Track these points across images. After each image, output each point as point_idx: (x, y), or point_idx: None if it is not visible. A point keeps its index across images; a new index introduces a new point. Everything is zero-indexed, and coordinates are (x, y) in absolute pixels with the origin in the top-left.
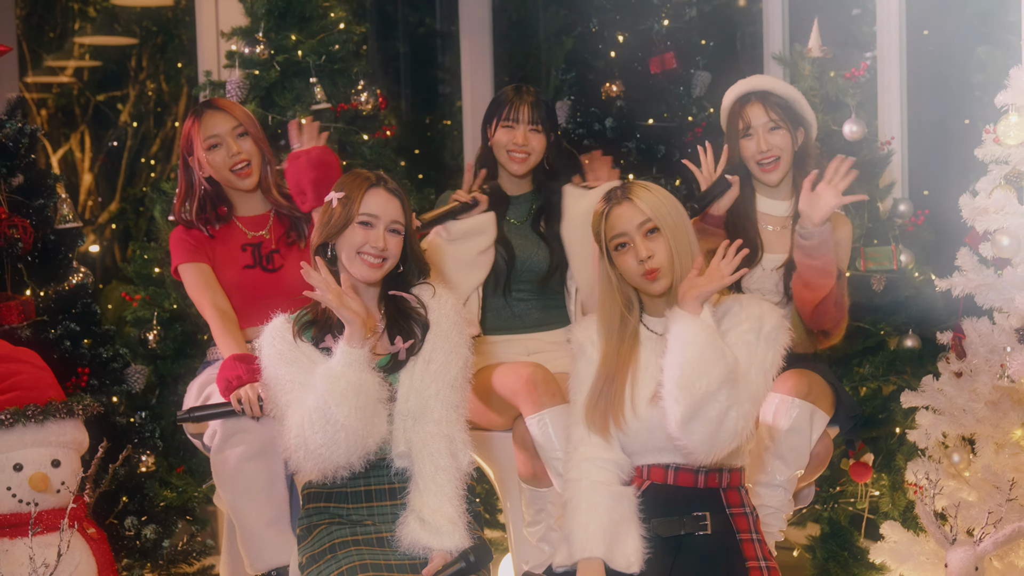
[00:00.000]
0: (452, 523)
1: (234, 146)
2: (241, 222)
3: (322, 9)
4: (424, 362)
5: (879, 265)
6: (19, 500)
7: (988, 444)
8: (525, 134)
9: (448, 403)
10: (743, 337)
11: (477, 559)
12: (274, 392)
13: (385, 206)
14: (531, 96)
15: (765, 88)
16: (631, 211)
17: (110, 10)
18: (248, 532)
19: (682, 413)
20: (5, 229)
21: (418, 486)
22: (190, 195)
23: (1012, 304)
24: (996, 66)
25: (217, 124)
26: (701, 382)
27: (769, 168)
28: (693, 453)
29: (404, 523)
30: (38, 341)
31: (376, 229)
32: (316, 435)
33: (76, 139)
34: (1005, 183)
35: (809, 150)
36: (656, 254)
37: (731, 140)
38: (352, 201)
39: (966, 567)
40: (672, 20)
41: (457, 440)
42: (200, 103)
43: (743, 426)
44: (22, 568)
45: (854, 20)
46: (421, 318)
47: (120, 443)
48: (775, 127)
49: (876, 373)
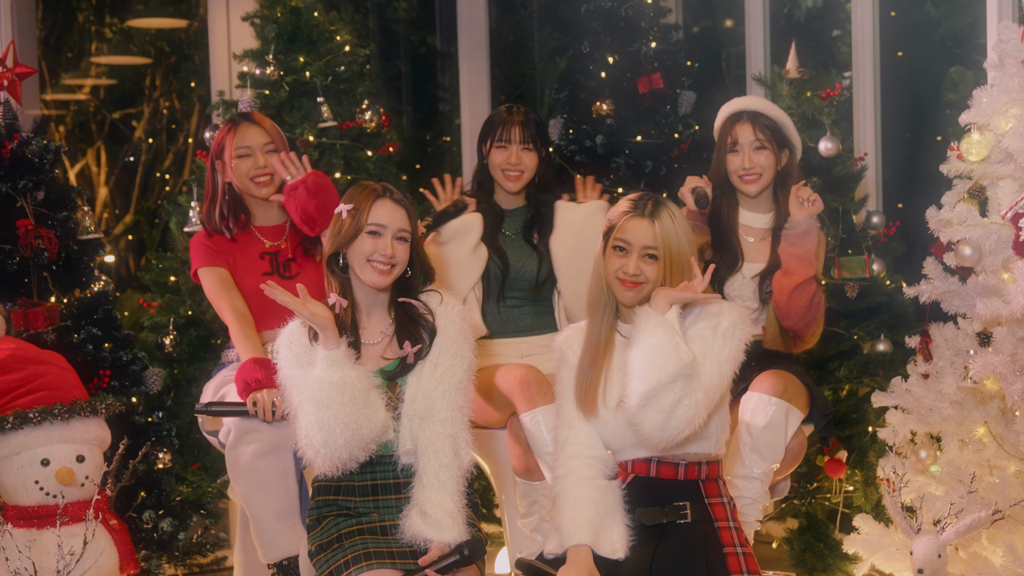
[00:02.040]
0: (452, 517)
1: (261, 160)
2: (259, 231)
3: (328, 33)
4: (431, 366)
5: (853, 274)
6: (46, 493)
7: (953, 441)
8: (517, 153)
9: (453, 404)
10: (700, 333)
11: (471, 553)
12: (289, 393)
13: (392, 215)
14: (521, 116)
15: (756, 109)
16: (646, 230)
17: (126, 32)
18: (261, 524)
19: (637, 400)
20: (31, 240)
21: (422, 481)
22: (215, 198)
23: (974, 310)
24: (968, 86)
25: (251, 137)
26: (655, 373)
27: (749, 181)
28: (648, 438)
29: (407, 516)
30: (62, 345)
31: (384, 238)
32: (316, 436)
33: (92, 154)
34: (968, 197)
35: (792, 171)
36: (643, 274)
37: (720, 153)
38: (360, 212)
39: (929, 554)
40: (659, 43)
41: (460, 439)
42: (239, 113)
43: (694, 414)
44: (49, 556)
45: (833, 41)
46: (429, 324)
47: (139, 441)
48: (760, 147)
49: (850, 375)
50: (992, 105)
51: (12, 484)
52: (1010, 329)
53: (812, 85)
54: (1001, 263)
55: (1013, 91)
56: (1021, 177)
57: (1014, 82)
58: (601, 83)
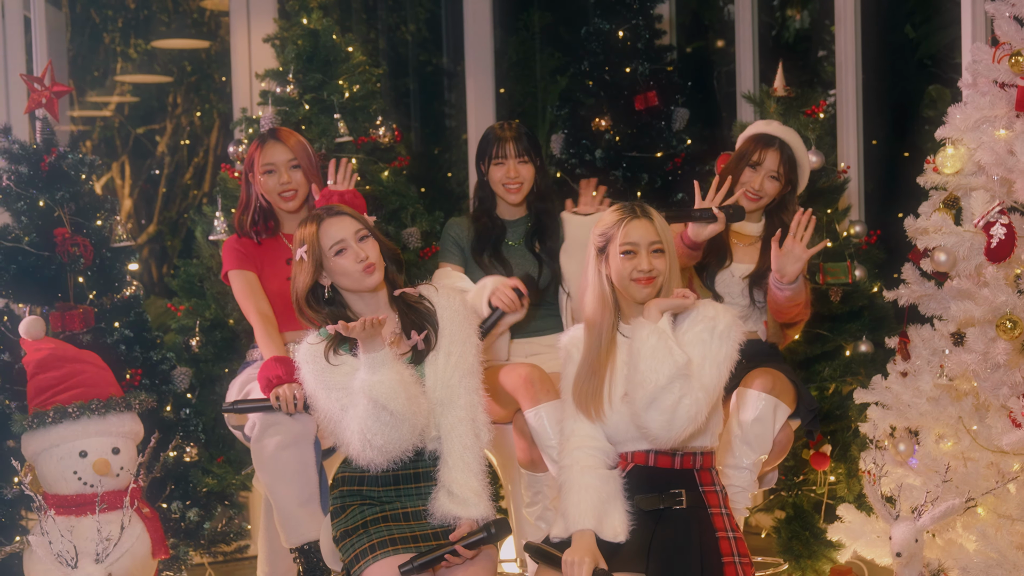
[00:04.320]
0: (477, 495)
1: (285, 176)
2: (287, 239)
3: (344, 54)
4: (445, 355)
5: (836, 279)
6: (84, 483)
7: (930, 435)
8: (515, 167)
9: (470, 388)
10: (699, 336)
11: (497, 531)
12: (321, 402)
13: (342, 227)
14: (514, 132)
15: (789, 142)
16: (647, 228)
17: (150, 52)
18: (283, 511)
19: (642, 404)
20: (68, 247)
21: (447, 463)
22: (247, 207)
23: (949, 312)
24: (946, 103)
25: (275, 154)
26: (652, 376)
27: (752, 199)
28: (657, 438)
29: (435, 498)
30: (97, 345)
31: (350, 247)
32: (378, 435)
33: (117, 168)
34: (943, 207)
35: (789, 204)
36: (655, 268)
37: (739, 163)
38: (313, 242)
39: (907, 539)
40: (654, 62)
41: (479, 421)
42: (267, 131)
43: (696, 412)
44: (87, 541)
45: (819, 61)
46: (427, 310)
47: (168, 435)
48: (775, 177)
49: (835, 374)
50: (965, 121)
51: (52, 474)
52: (982, 330)
53: (799, 103)
54: (974, 268)
55: (984, 108)
56: (992, 188)
57: (985, 100)
58: (600, 100)
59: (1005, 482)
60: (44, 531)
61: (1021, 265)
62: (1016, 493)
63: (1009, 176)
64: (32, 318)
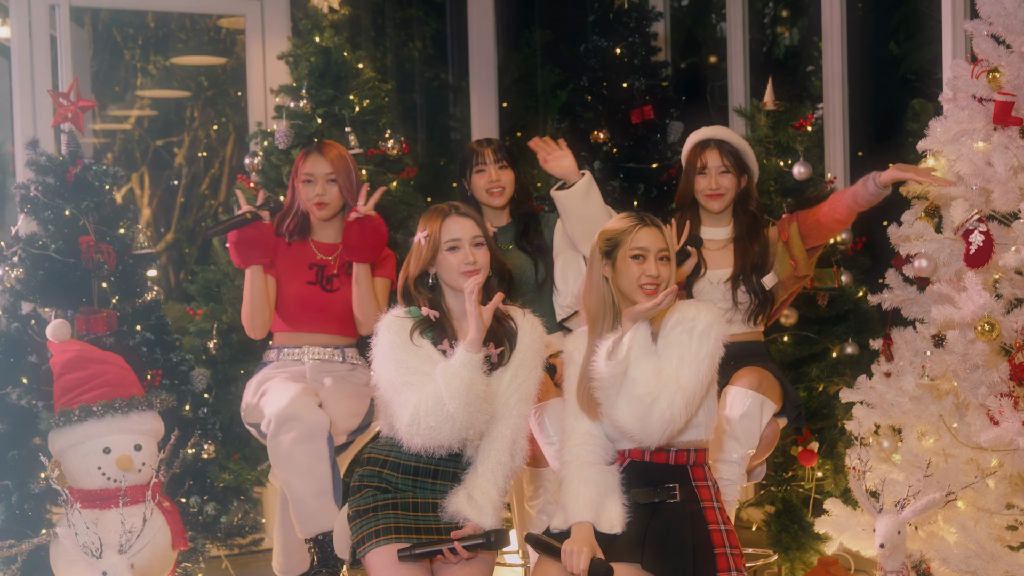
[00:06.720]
0: (493, 507)
1: (320, 187)
2: (315, 245)
3: (355, 70)
4: (512, 375)
5: (824, 284)
6: (107, 478)
7: (912, 432)
8: (496, 172)
9: (521, 413)
10: (678, 338)
11: (496, 540)
12: (384, 371)
13: (463, 228)
14: (491, 143)
15: (722, 137)
16: (657, 236)
17: (168, 68)
18: (298, 503)
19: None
20: (93, 254)
21: (476, 470)
22: (289, 211)
23: (930, 315)
24: (929, 116)
25: (316, 166)
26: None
27: (714, 197)
28: (633, 436)
29: (454, 494)
30: (120, 347)
31: (463, 248)
32: (428, 418)
33: (137, 178)
34: (924, 215)
35: (751, 192)
36: (661, 275)
37: (688, 176)
38: (434, 233)
39: (890, 531)
40: (650, 78)
41: (518, 445)
42: (316, 143)
43: (671, 415)
44: (111, 533)
45: (807, 76)
46: (511, 328)
47: (187, 433)
48: (725, 171)
49: (822, 375)
50: (945, 134)
51: (77, 470)
52: (961, 332)
53: (788, 116)
54: (954, 273)
55: (963, 122)
56: (971, 198)
57: (964, 114)
58: (598, 114)
59: (983, 477)
60: (71, 524)
61: (999, 270)
62: (994, 488)
63: (987, 186)
64: (58, 321)
